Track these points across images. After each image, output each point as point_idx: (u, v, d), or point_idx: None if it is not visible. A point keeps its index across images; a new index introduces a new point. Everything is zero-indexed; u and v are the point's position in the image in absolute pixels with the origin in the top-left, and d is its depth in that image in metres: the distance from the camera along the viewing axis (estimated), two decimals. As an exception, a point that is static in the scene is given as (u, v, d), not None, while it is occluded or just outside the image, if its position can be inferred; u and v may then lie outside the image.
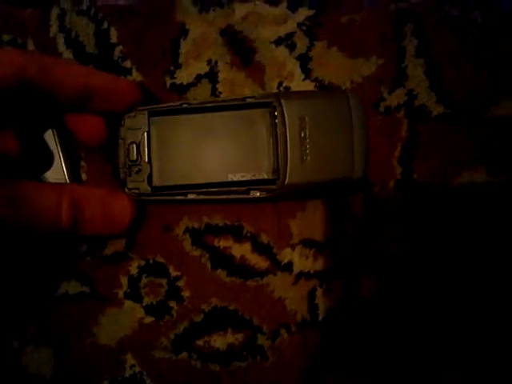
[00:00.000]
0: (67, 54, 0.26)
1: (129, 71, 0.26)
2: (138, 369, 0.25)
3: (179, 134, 0.22)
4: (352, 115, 0.22)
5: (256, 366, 0.25)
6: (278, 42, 0.26)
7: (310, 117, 0.22)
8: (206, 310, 0.25)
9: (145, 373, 0.25)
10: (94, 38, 0.26)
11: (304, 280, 0.25)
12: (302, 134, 0.21)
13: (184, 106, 0.22)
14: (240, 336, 0.25)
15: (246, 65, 0.26)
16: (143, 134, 0.22)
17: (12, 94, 0.19)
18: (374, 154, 0.25)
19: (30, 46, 0.26)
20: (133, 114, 0.23)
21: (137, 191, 0.23)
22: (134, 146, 0.22)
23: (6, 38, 0.26)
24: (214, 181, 0.22)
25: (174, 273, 0.25)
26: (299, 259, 0.25)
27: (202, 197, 0.22)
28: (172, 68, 0.26)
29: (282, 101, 0.22)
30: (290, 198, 0.24)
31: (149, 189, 0.22)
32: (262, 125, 0.22)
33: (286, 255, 0.25)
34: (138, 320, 0.25)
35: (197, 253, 0.25)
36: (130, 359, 0.26)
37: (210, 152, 0.22)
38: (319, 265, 0.25)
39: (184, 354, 0.25)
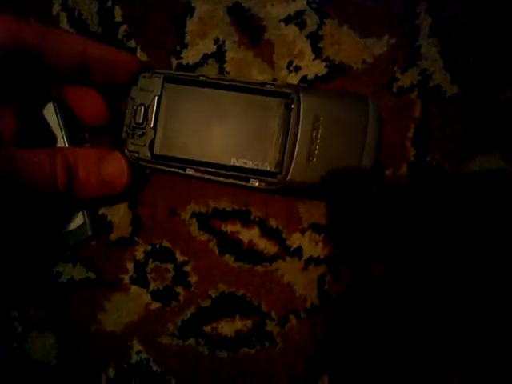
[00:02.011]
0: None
1: (133, 51, 0.25)
2: (144, 355, 0.25)
3: (190, 106, 0.22)
4: (368, 123, 0.21)
5: (264, 352, 0.25)
6: (288, 20, 0.25)
7: (326, 117, 0.21)
8: (214, 296, 0.25)
9: (151, 359, 0.25)
10: (97, 17, 0.25)
11: (313, 265, 0.24)
12: (314, 134, 0.21)
13: (201, 78, 0.22)
14: (248, 322, 0.25)
15: (254, 44, 0.25)
16: (154, 98, 0.22)
17: (9, 61, 0.19)
18: (386, 135, 0.24)
19: (32, 25, 0.26)
20: (148, 75, 0.22)
21: (136, 155, 0.22)
22: (143, 108, 0.22)
23: (6, 16, 0.26)
24: (215, 161, 0.22)
25: (180, 258, 0.25)
26: (309, 244, 0.24)
27: (199, 174, 0.22)
28: (178, 48, 0.25)
29: (301, 94, 0.21)
30: (289, 193, 0.24)
31: (149, 155, 0.22)
32: (276, 115, 0.21)
33: (296, 240, 0.25)
34: (145, 306, 0.25)
35: (204, 238, 0.25)
36: (137, 345, 0.25)
37: (217, 131, 0.22)
38: (329, 250, 0.24)
39: (191, 341, 0.25)
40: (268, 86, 0.22)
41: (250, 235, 0.25)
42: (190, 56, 0.25)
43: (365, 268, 0.24)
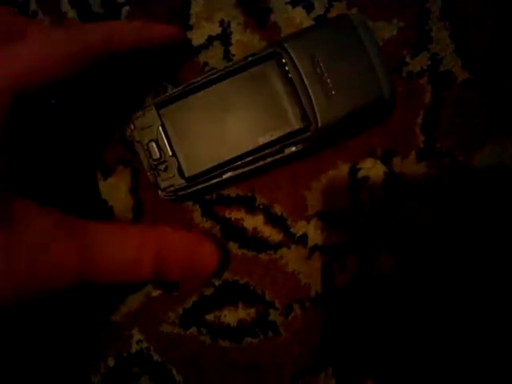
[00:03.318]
0: (72, 14, 0.25)
1: (136, 32, 0.24)
2: (144, 344, 0.24)
3: (194, 116, 0.21)
4: (361, 36, 0.21)
5: (268, 342, 0.24)
6: (295, 2, 0.24)
7: (320, 51, 0.20)
8: (217, 284, 0.24)
9: (152, 348, 0.24)
10: (99, -3, 0.25)
11: (319, 254, 0.24)
12: (318, 71, 0.20)
13: (187, 88, 0.21)
14: (251, 311, 0.24)
15: (260, 26, 0.24)
16: (158, 129, 0.21)
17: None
18: (395, 121, 0.23)
19: (33, 6, 0.25)
20: (140, 113, 0.22)
21: (172, 188, 0.21)
22: (153, 143, 0.21)
23: (6, -4, 0.25)
24: (245, 150, 0.21)
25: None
26: (314, 232, 0.24)
27: (239, 171, 0.21)
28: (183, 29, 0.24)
29: (286, 45, 0.20)
30: (329, 143, 0.23)
31: (183, 181, 0.21)
32: (275, 77, 0.21)
33: (301, 228, 0.24)
34: (146, 293, 0.24)
35: (207, 224, 0.24)
36: (137, 334, 0.24)
37: (231, 123, 0.21)
38: (335, 238, 0.24)
39: (193, 329, 0.24)
40: (251, 57, 0.21)
41: (254, 222, 0.24)
42: (195, 38, 0.24)
43: (371, 257, 0.24)
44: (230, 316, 0.24)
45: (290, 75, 0.20)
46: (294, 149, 0.21)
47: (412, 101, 0.23)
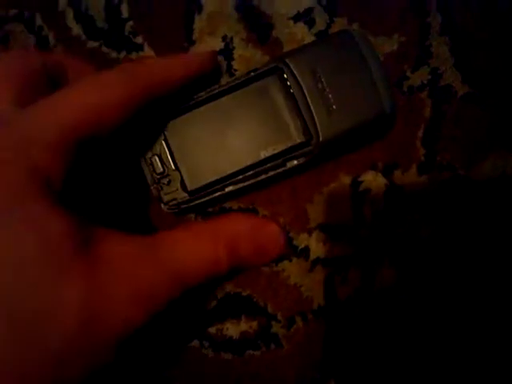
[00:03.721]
0: (77, 30, 0.25)
1: (140, 47, 0.25)
2: (147, 357, 0.25)
3: (197, 131, 0.21)
4: (362, 51, 0.21)
5: (270, 354, 0.24)
6: (297, 17, 0.24)
7: (322, 66, 0.21)
8: (219, 297, 0.24)
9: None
10: (104, 13, 0.25)
11: (321, 267, 0.24)
12: (320, 86, 0.20)
13: (190, 103, 0.21)
14: (254, 324, 0.24)
15: (262, 42, 0.25)
16: (161, 144, 0.22)
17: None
18: (396, 135, 0.24)
19: (38, 21, 0.25)
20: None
21: (175, 202, 0.21)
22: (156, 157, 0.21)
23: (12, 12, 0.25)
24: (247, 164, 0.21)
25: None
26: (316, 245, 0.24)
27: (241, 185, 0.21)
28: (186, 44, 0.25)
29: (288, 60, 0.21)
30: (330, 156, 0.23)
31: (185, 195, 0.21)
32: (276, 91, 0.21)
33: (303, 241, 0.24)
34: (148, 306, 0.24)
35: (209, 237, 0.24)
36: (139, 346, 0.25)
37: (233, 137, 0.21)
38: (337, 251, 0.24)
39: (195, 342, 0.24)
40: (252, 72, 0.21)
41: (256, 235, 0.24)
42: (198, 53, 0.25)
43: (373, 270, 0.24)
44: (233, 328, 0.24)
45: (291, 90, 0.21)
46: (295, 162, 0.21)
47: (413, 115, 0.24)
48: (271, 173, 0.21)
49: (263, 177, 0.21)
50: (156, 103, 0.19)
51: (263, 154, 0.21)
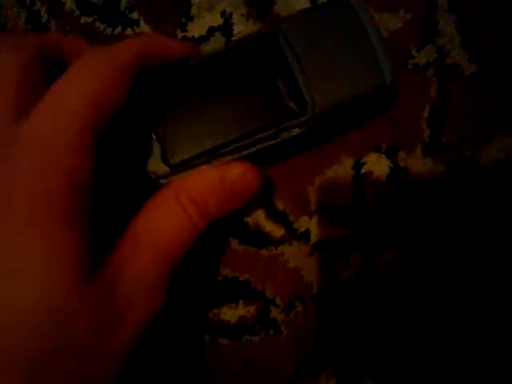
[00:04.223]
0: (70, 4, 0.24)
1: (136, 22, 0.24)
2: (142, 341, 0.24)
3: (183, 99, 0.20)
4: (362, 20, 0.20)
5: (269, 340, 0.23)
6: (299, -8, 0.24)
7: (319, 33, 0.19)
8: (216, 281, 0.24)
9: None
10: (99, -14, 0.24)
11: (321, 250, 0.23)
12: (316, 54, 0.19)
13: (178, 69, 0.20)
14: (252, 308, 0.24)
15: (262, 17, 0.24)
16: (145, 113, 0.20)
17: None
18: (400, 115, 0.23)
19: (30, -5, 0.24)
20: None
21: (154, 175, 0.19)
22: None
23: (2, -14, 0.25)
24: (236, 136, 0.19)
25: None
26: (317, 228, 0.23)
27: (228, 158, 0.19)
28: (183, 20, 0.24)
29: (283, 27, 0.19)
30: (327, 130, 0.22)
31: (167, 168, 0.19)
32: (270, 59, 0.19)
33: (303, 223, 0.23)
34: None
35: (207, 219, 0.24)
36: (135, 331, 0.24)
37: (222, 107, 0.20)
38: (338, 234, 0.23)
39: (192, 327, 0.24)
40: (244, 39, 0.20)
41: (255, 217, 0.23)
42: (196, 29, 0.24)
43: (375, 253, 0.23)
44: (230, 313, 0.24)
45: (287, 57, 0.19)
46: (289, 134, 0.20)
47: (417, 94, 0.23)
48: (262, 145, 0.20)
49: (253, 149, 0.20)
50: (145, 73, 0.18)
51: (254, 125, 0.19)
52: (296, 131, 0.20)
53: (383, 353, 0.23)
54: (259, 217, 0.23)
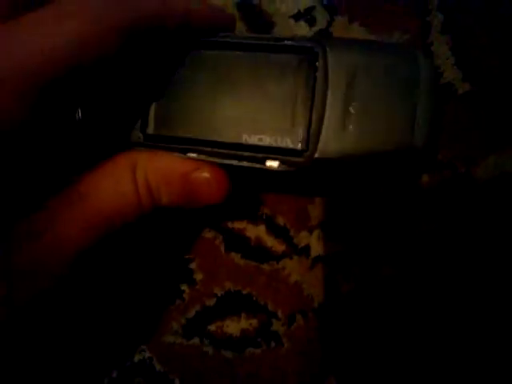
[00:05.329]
0: None
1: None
2: (147, 354, 0.25)
3: (188, 76, 0.18)
4: (420, 75, 0.17)
5: (271, 352, 0.24)
6: (297, 16, 0.24)
7: (363, 72, 0.16)
8: (219, 294, 0.24)
9: (154, 358, 0.24)
10: None
11: (321, 265, 0.24)
12: (349, 94, 0.16)
13: (196, 42, 0.18)
14: (254, 321, 0.24)
15: (263, 40, 0.25)
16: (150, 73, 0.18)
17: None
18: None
19: None
20: None
21: (129, 142, 0.18)
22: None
23: None
24: (222, 140, 0.17)
25: (185, 255, 0.24)
26: (317, 243, 0.24)
27: (203, 157, 0.18)
28: (187, 42, 0.25)
29: (328, 48, 0.17)
30: (315, 178, 0.21)
31: (141, 136, 0.18)
32: (297, 75, 0.17)
33: (303, 238, 0.24)
34: (149, 303, 0.25)
35: (210, 234, 0.24)
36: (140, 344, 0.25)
37: (223, 102, 0.17)
38: (337, 249, 0.24)
39: (195, 340, 0.24)
40: (285, 41, 0.17)
41: (256, 233, 0.24)
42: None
43: (374, 268, 0.24)
44: (233, 326, 0.24)
45: (315, 83, 0.17)
46: (276, 165, 0.17)
47: (413, 113, 0.24)
48: (244, 163, 0.17)
49: (234, 162, 0.18)
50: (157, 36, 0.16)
51: (245, 138, 0.17)
52: (284, 167, 0.17)
53: (384, 365, 0.24)
54: (260, 232, 0.24)
